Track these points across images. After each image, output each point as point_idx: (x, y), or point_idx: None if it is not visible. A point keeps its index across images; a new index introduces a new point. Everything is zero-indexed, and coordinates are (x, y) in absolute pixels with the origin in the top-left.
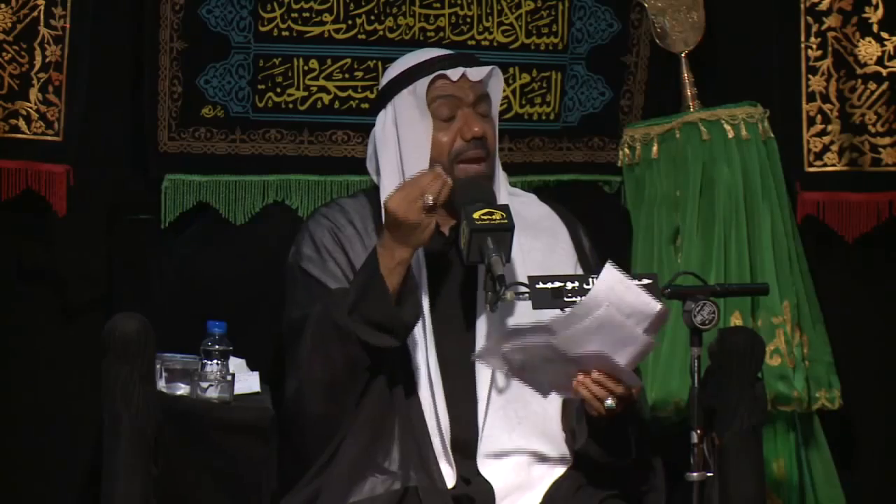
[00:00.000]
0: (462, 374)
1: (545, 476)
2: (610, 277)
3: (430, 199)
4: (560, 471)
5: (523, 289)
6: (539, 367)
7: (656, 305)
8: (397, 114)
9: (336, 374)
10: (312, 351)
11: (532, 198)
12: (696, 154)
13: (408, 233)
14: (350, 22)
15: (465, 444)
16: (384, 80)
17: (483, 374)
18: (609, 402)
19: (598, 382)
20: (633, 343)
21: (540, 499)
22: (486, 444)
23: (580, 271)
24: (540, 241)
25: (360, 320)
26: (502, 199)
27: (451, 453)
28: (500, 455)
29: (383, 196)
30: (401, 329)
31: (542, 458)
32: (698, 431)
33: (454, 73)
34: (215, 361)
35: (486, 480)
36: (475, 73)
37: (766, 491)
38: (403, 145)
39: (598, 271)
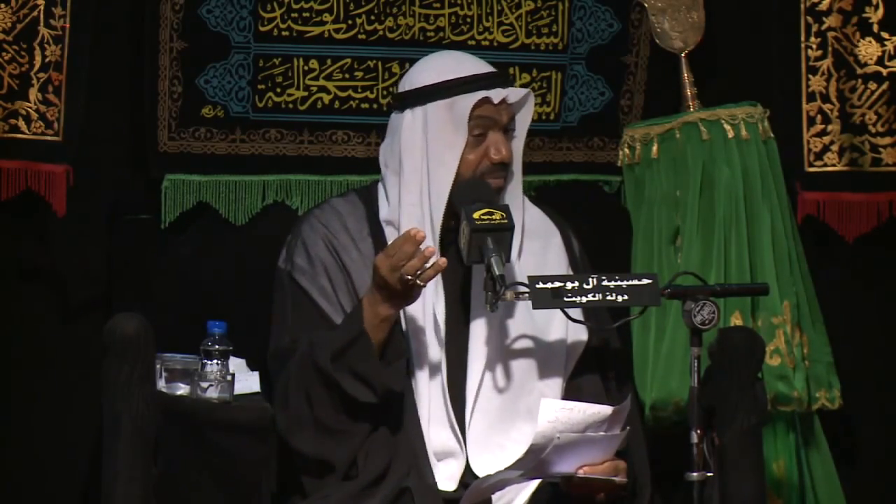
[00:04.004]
0: (453, 374)
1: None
2: (549, 410)
3: (407, 277)
4: None
5: (523, 289)
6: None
7: (607, 409)
8: (428, 122)
9: (324, 413)
10: (297, 390)
11: (524, 201)
12: (696, 154)
13: (391, 295)
14: (350, 22)
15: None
16: (416, 82)
17: (473, 375)
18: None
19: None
20: (604, 443)
21: (528, 496)
22: (474, 446)
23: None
24: (532, 245)
25: (344, 369)
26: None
27: (463, 453)
28: (491, 456)
29: (391, 193)
30: (381, 388)
31: None
32: (698, 431)
33: (497, 96)
34: (215, 361)
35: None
36: (514, 96)
37: (767, 491)
38: (431, 156)
39: (590, 273)
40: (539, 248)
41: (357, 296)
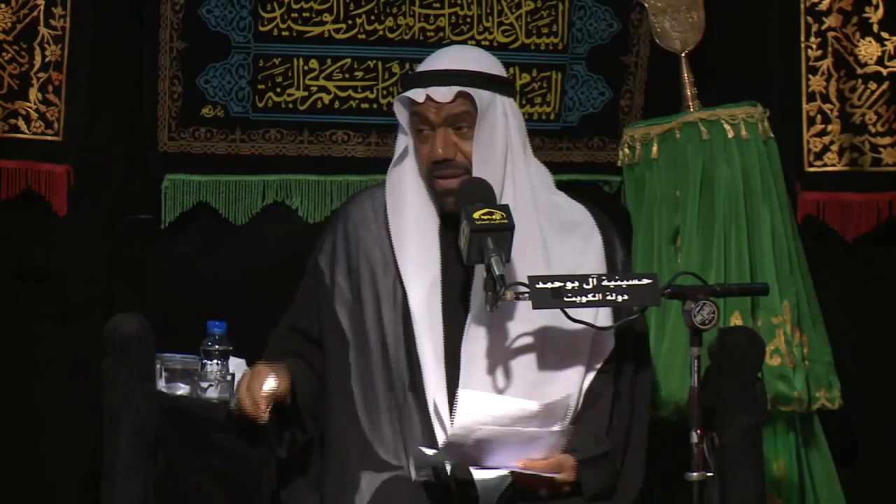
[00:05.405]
0: (450, 373)
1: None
2: (468, 402)
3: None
4: None
5: (523, 289)
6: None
7: (533, 405)
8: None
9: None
10: None
11: (567, 198)
12: (696, 154)
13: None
14: (350, 22)
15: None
16: None
17: (463, 373)
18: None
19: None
20: (542, 439)
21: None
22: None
23: None
24: (571, 243)
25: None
26: (505, 199)
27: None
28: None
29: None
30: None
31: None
32: (698, 431)
33: (418, 95)
34: (215, 361)
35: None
36: (439, 95)
37: (767, 491)
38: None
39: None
40: (578, 247)
41: (359, 284)
